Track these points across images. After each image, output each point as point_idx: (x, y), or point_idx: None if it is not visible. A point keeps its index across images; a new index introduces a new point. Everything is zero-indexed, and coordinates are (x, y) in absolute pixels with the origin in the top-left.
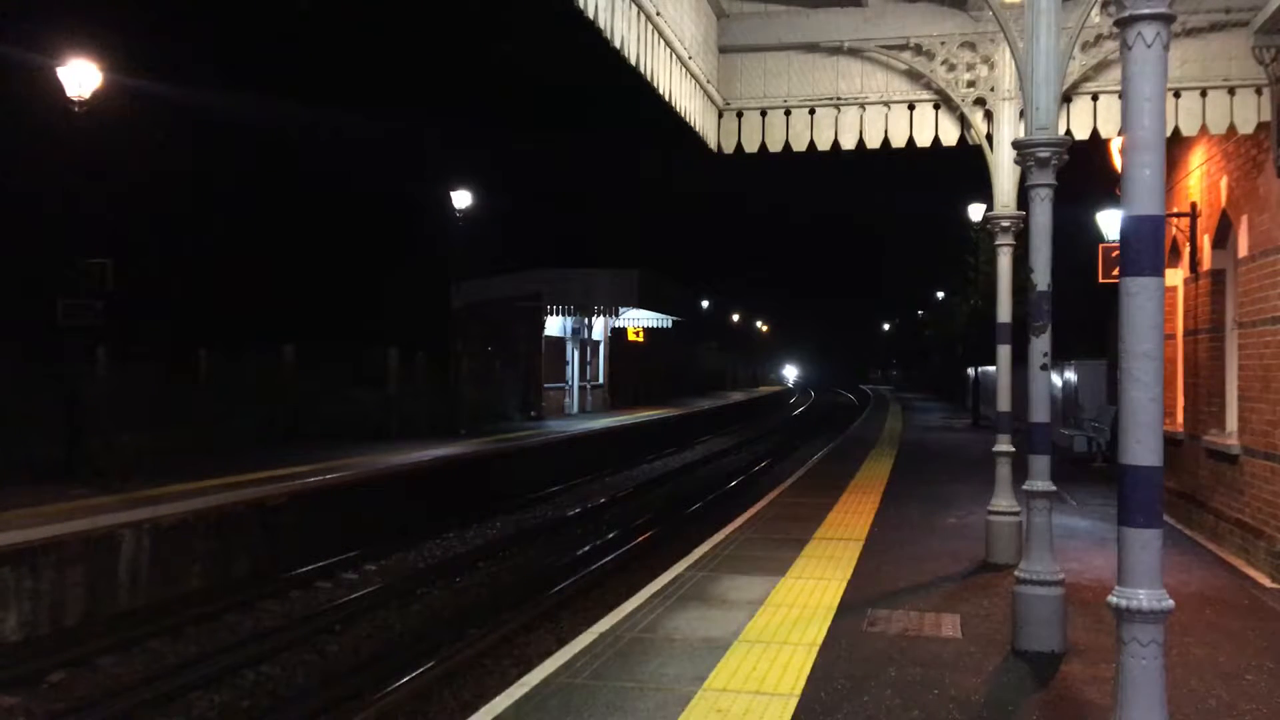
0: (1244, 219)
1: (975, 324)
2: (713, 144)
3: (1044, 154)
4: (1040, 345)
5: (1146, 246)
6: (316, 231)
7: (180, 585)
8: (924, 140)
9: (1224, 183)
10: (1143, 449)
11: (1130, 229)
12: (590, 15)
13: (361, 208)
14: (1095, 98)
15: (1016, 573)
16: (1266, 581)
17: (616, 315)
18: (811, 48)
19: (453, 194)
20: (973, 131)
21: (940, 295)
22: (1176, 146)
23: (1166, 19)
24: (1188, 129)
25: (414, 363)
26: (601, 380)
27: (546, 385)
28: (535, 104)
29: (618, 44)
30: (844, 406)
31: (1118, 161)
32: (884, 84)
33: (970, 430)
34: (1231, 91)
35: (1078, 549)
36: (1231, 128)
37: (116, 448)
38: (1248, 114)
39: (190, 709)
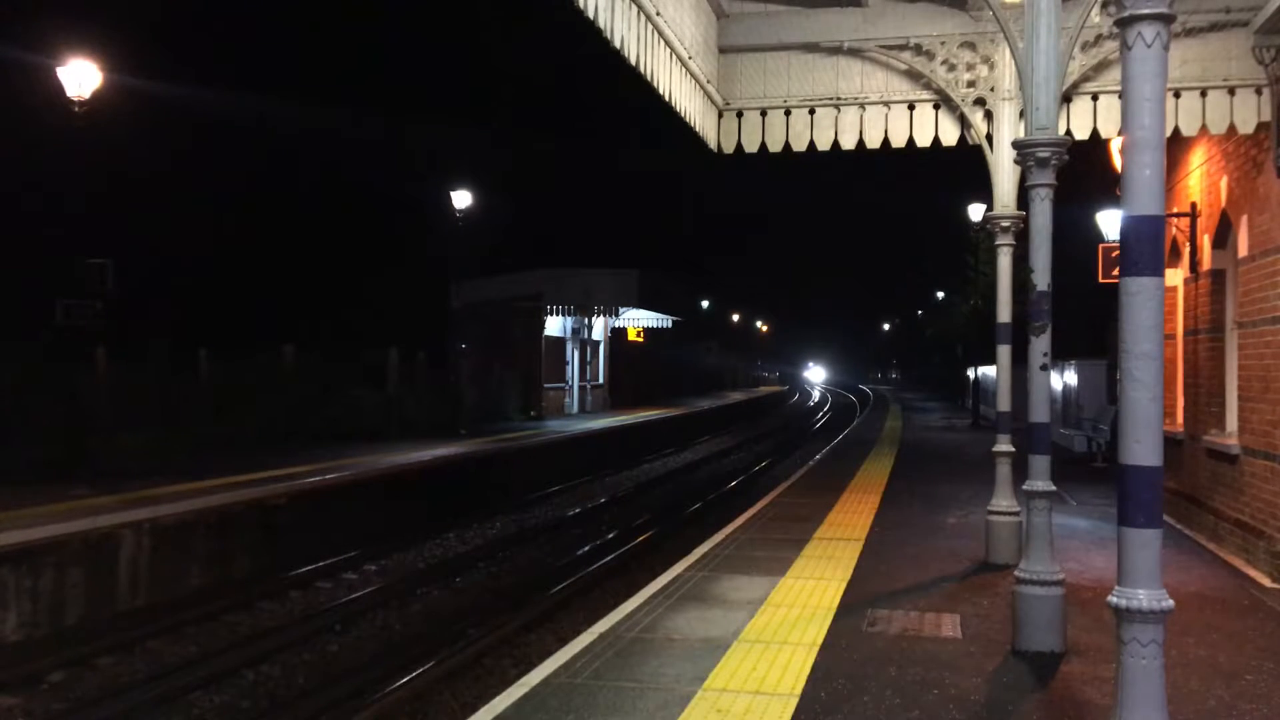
0: (1244, 219)
1: (975, 324)
2: (713, 144)
3: (1044, 154)
4: (1040, 345)
5: (1146, 246)
6: (317, 231)
7: (180, 585)
8: (924, 140)
9: (1224, 183)
10: (1143, 449)
11: (1130, 229)
12: (590, 15)
13: (362, 207)
14: (1095, 98)
15: (1016, 573)
16: (1266, 581)
17: (616, 315)
18: (811, 48)
19: (453, 194)
20: (973, 131)
21: (940, 295)
22: (1176, 146)
23: (1166, 19)
24: (1188, 129)
25: (414, 363)
26: (601, 380)
27: (546, 385)
28: (536, 104)
29: (618, 44)
30: (845, 407)
31: (1118, 161)
32: (884, 84)
33: (970, 430)
34: (1231, 91)
35: (1078, 549)
36: (1231, 128)
37: (116, 447)
38: (1248, 114)
39: (190, 709)
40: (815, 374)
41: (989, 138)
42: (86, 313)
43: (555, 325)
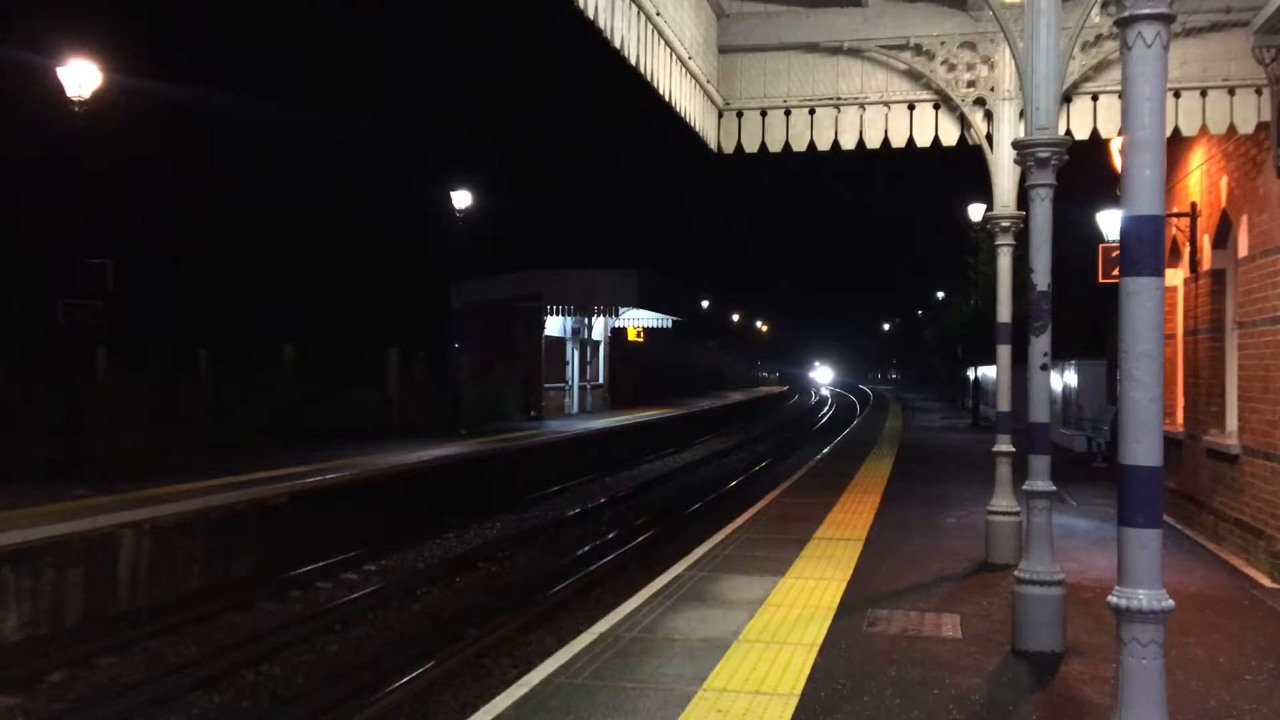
0: (1244, 219)
1: (975, 324)
2: (713, 144)
3: (1044, 154)
4: (1040, 345)
5: (1146, 246)
6: (317, 232)
7: (180, 585)
8: (924, 140)
9: (1224, 183)
10: (1143, 449)
11: (1130, 229)
12: (590, 15)
13: (362, 208)
14: (1095, 98)
15: (1016, 573)
16: (1266, 581)
17: (616, 315)
18: (811, 48)
19: (453, 194)
20: (973, 131)
21: (940, 295)
22: (1176, 146)
23: (1166, 19)
24: (1188, 129)
25: (414, 363)
26: (601, 380)
27: (546, 385)
28: (537, 104)
29: (618, 44)
30: (845, 407)
31: (1118, 161)
32: (884, 84)
33: (970, 430)
34: (1231, 91)
35: (1078, 549)
36: (1231, 128)
37: (116, 447)
38: (1248, 114)
39: (190, 709)
40: (821, 374)
41: (989, 138)
42: (86, 313)
43: (555, 325)
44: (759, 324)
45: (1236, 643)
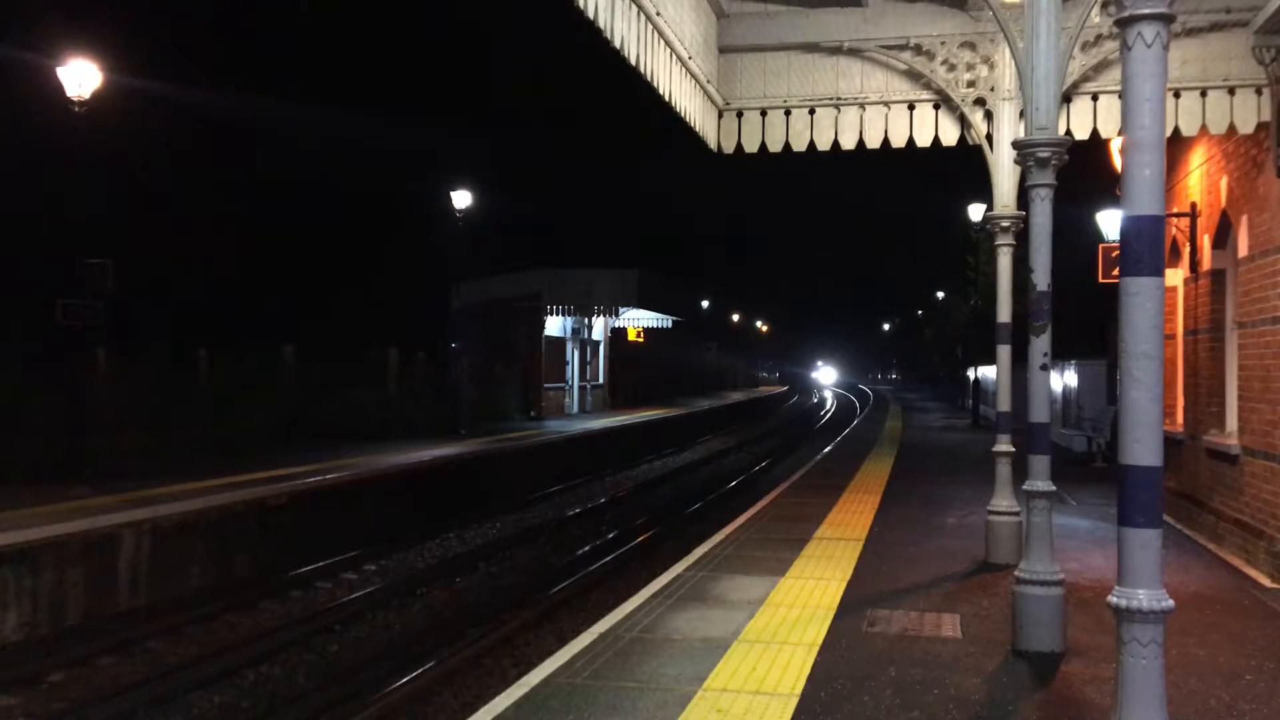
0: (1244, 219)
1: (975, 324)
2: (713, 144)
3: (1044, 154)
4: (1040, 345)
5: (1146, 246)
6: (317, 232)
7: (180, 585)
8: (924, 140)
9: (1224, 183)
10: (1143, 449)
11: (1130, 229)
12: (590, 15)
13: (362, 208)
14: (1095, 98)
15: (1016, 573)
16: (1266, 581)
17: (616, 315)
18: (811, 48)
19: (453, 194)
20: (973, 131)
21: (940, 295)
22: (1176, 146)
23: (1166, 19)
24: (1188, 129)
25: (414, 363)
26: (601, 380)
27: (546, 385)
28: (537, 103)
29: (618, 44)
30: (844, 407)
31: (1118, 161)
32: (884, 84)
33: (970, 430)
34: (1231, 91)
35: (1078, 549)
36: (1231, 128)
37: (116, 447)
38: (1248, 114)
39: (190, 709)
40: (825, 375)
41: (989, 138)
42: (86, 313)
43: (555, 325)
44: (759, 324)
45: (1236, 643)
